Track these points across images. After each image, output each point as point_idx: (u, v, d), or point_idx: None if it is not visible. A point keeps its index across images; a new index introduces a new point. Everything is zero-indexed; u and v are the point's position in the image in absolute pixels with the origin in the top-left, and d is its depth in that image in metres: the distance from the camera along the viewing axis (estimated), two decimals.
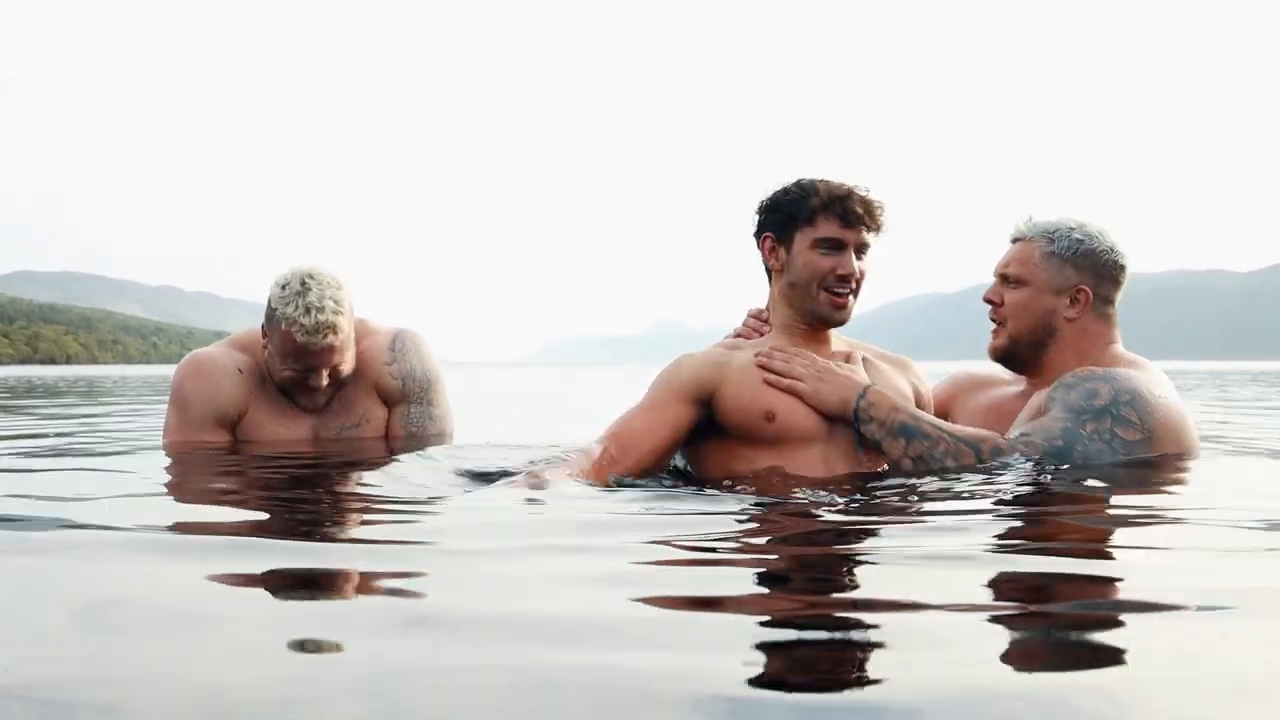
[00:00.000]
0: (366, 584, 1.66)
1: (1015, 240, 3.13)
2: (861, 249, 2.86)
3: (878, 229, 2.87)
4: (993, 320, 3.14)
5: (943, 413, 3.22)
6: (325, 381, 3.77)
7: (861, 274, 2.86)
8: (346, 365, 3.80)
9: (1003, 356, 3.14)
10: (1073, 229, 3.07)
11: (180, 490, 2.96)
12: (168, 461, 3.52)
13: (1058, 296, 3.04)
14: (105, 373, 42.48)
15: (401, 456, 3.12)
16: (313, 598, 1.63)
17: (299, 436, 3.90)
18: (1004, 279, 3.11)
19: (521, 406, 9.60)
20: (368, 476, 2.82)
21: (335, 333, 3.65)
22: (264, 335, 3.80)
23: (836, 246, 2.82)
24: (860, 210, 2.82)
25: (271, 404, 3.89)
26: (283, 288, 3.68)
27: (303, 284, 3.64)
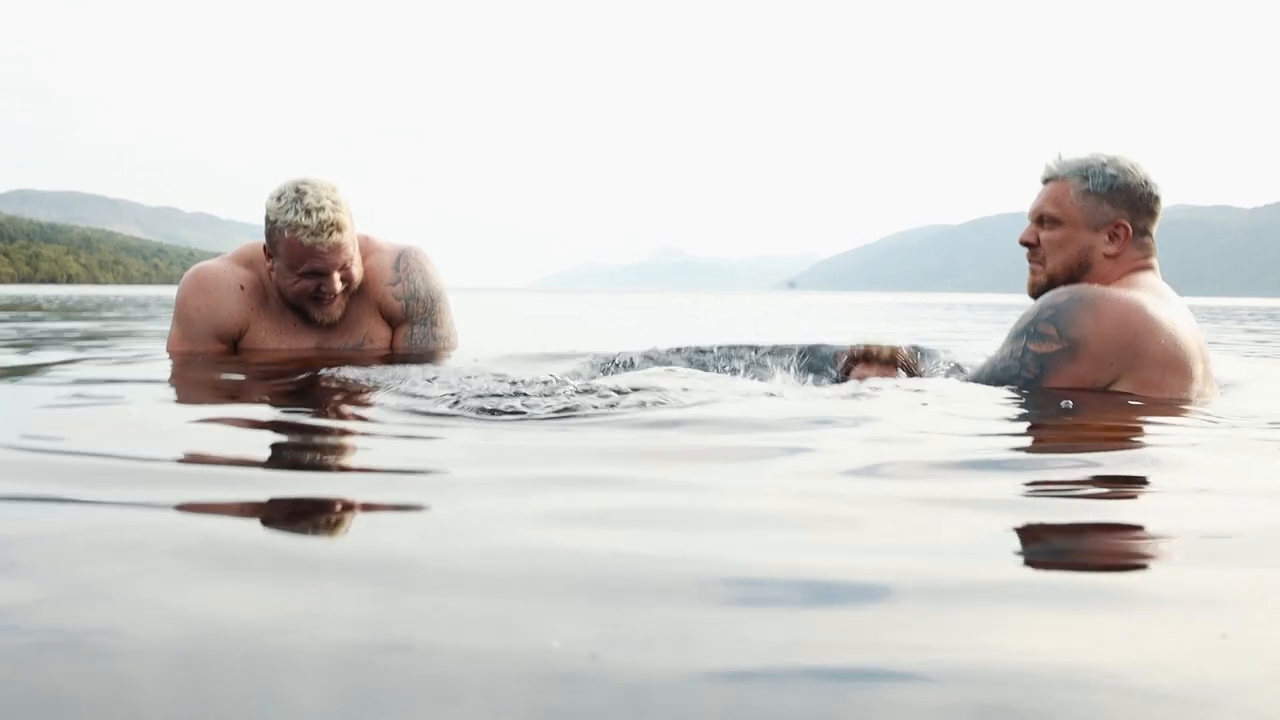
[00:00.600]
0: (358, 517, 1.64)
1: (1047, 180, 3.12)
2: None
3: None
4: (1030, 262, 3.15)
5: None
6: (339, 287, 3.74)
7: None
8: (357, 270, 3.79)
9: (1039, 295, 3.11)
10: (1105, 164, 3.05)
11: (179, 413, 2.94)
12: (169, 372, 3.54)
13: (1095, 233, 3.04)
14: (113, 293, 42.22)
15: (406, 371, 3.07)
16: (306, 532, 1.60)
17: (301, 354, 3.86)
18: (1039, 220, 3.11)
19: (520, 331, 9.52)
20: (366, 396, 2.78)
21: (340, 230, 3.64)
22: (267, 256, 3.78)
23: None
24: None
25: (274, 321, 3.88)
26: (278, 199, 3.67)
27: (298, 191, 3.65)
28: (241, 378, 3.25)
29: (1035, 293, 3.13)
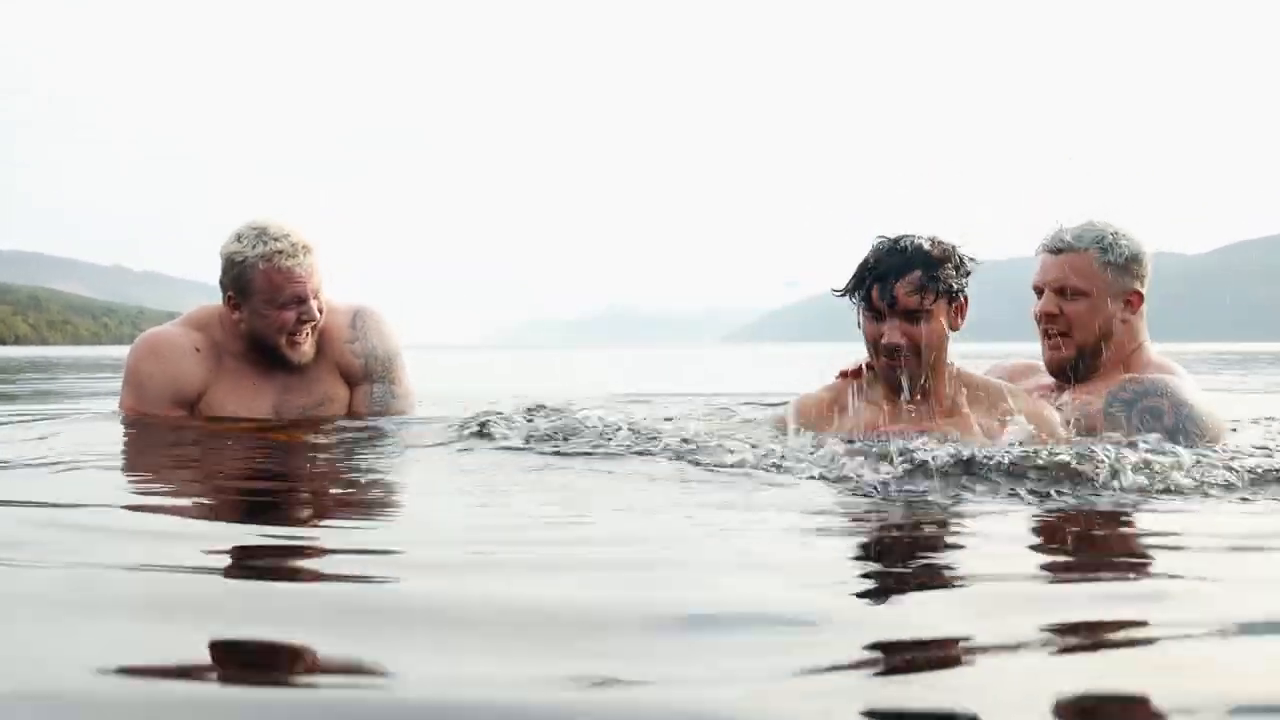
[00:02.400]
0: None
1: (1059, 251, 3.18)
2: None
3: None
4: (1049, 333, 3.21)
5: None
6: (318, 313, 3.72)
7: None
8: (324, 303, 3.78)
9: (1063, 368, 3.21)
10: (1116, 234, 3.17)
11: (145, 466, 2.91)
12: (124, 433, 3.49)
13: (1113, 303, 3.15)
14: (59, 354, 41.79)
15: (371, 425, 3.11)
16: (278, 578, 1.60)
17: (260, 414, 3.83)
18: (1061, 292, 3.16)
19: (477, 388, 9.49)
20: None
21: (311, 251, 3.68)
22: (233, 306, 3.73)
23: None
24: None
25: (232, 383, 3.83)
26: (239, 239, 3.67)
27: (257, 227, 3.67)
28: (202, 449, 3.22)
29: (1060, 367, 3.22)
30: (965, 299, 2.97)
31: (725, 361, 21.04)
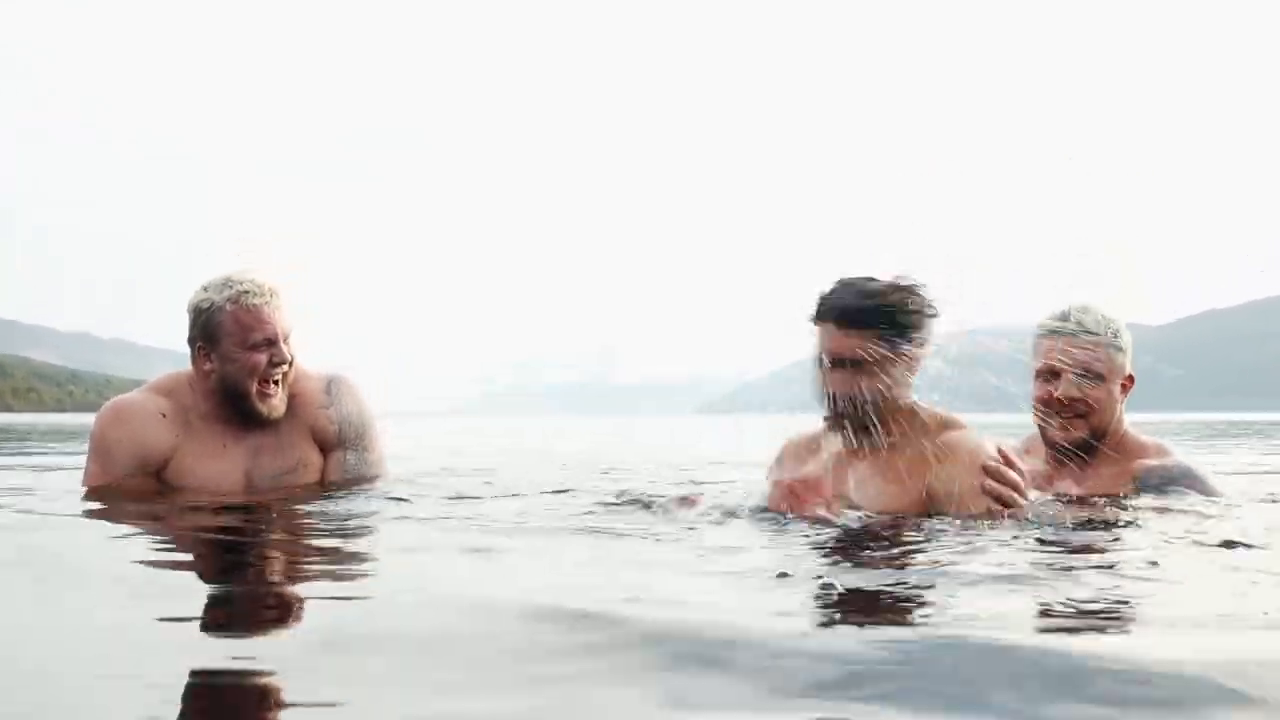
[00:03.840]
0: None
1: (1075, 335, 3.26)
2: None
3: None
4: (1063, 415, 3.28)
5: None
6: (289, 356, 3.72)
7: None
8: (294, 357, 3.76)
9: (1079, 447, 3.29)
10: (1112, 319, 3.30)
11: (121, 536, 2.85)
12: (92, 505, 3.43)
13: (1116, 385, 3.30)
14: (18, 421, 41.65)
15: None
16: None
17: (231, 479, 3.78)
18: (1084, 375, 3.25)
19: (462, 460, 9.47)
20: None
21: (277, 295, 3.72)
22: (203, 357, 3.71)
23: None
24: None
25: (201, 446, 3.78)
26: (206, 289, 3.70)
27: (221, 277, 3.71)
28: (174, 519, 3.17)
29: (1071, 445, 3.28)
30: (924, 344, 2.86)
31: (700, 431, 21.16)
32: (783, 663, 1.46)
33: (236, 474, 3.80)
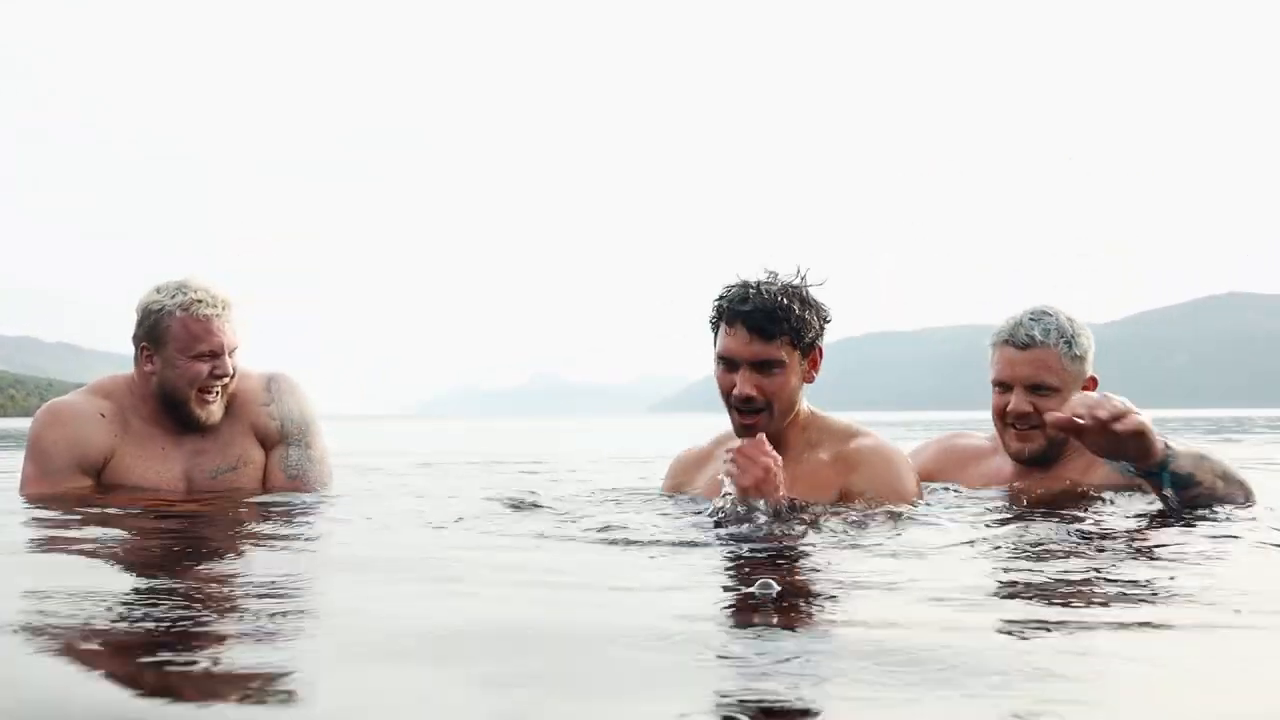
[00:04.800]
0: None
1: (1025, 347, 3.18)
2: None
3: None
4: (1020, 427, 3.22)
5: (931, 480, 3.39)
6: (231, 369, 3.68)
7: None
8: (238, 367, 3.74)
9: (1038, 458, 3.24)
10: (1074, 323, 3.23)
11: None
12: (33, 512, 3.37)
13: (1077, 391, 3.14)
14: None
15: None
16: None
17: (171, 479, 3.75)
18: (1033, 388, 3.17)
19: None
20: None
21: (229, 308, 3.69)
22: (146, 358, 3.68)
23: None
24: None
25: (140, 447, 3.74)
26: (159, 291, 3.67)
27: (175, 281, 3.68)
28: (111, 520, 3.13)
29: (1030, 459, 3.24)
30: (820, 350, 2.88)
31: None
32: (726, 662, 1.49)
33: (176, 474, 3.76)
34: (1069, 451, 3.24)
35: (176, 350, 3.62)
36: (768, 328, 2.75)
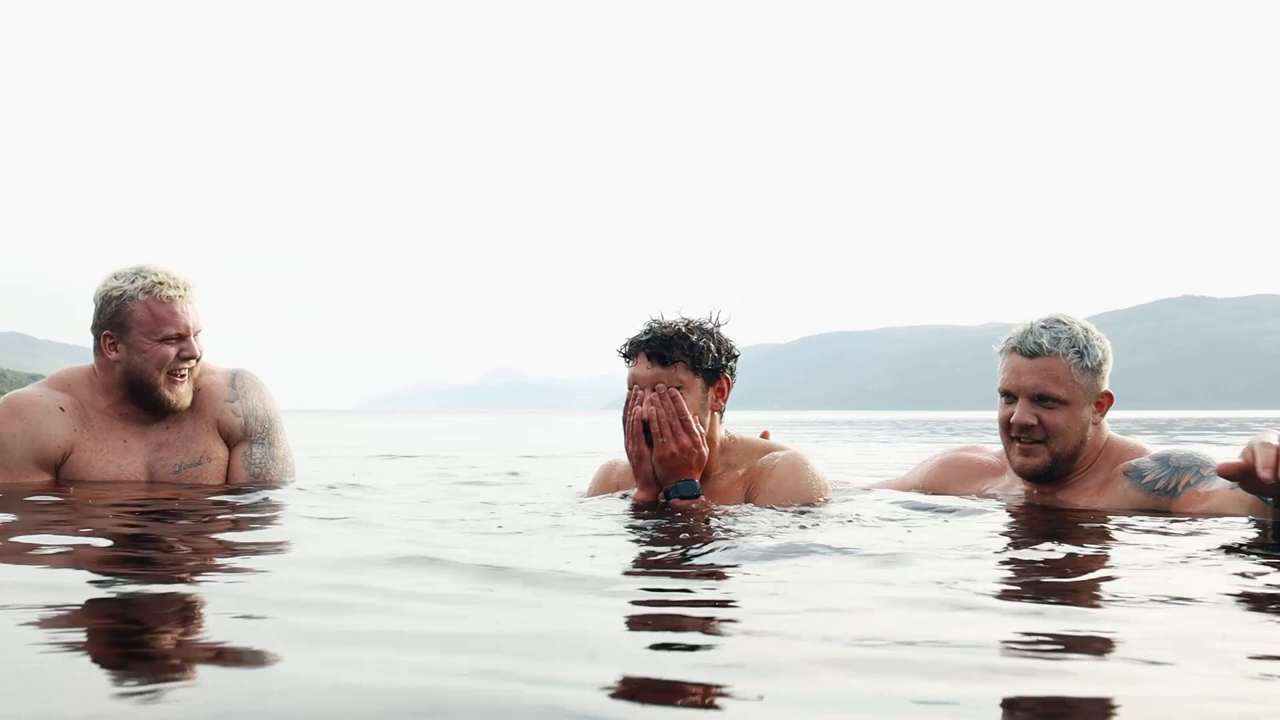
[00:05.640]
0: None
1: (1033, 356, 3.00)
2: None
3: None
4: (1024, 441, 3.02)
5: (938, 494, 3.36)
6: (198, 354, 3.69)
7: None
8: (203, 346, 3.73)
9: (1037, 474, 3.06)
10: (1089, 334, 3.03)
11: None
12: None
13: (1088, 405, 3.01)
14: None
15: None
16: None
17: (133, 473, 3.73)
18: (1039, 399, 2.98)
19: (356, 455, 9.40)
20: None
21: (191, 289, 3.69)
22: (109, 346, 3.65)
23: None
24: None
25: (100, 441, 3.71)
26: (118, 277, 3.66)
27: (134, 266, 3.68)
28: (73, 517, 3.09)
29: (1035, 474, 3.05)
30: (727, 380, 3.07)
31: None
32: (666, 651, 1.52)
33: (138, 468, 3.74)
34: (1078, 470, 3.07)
35: (142, 335, 3.60)
36: (664, 353, 3.00)
